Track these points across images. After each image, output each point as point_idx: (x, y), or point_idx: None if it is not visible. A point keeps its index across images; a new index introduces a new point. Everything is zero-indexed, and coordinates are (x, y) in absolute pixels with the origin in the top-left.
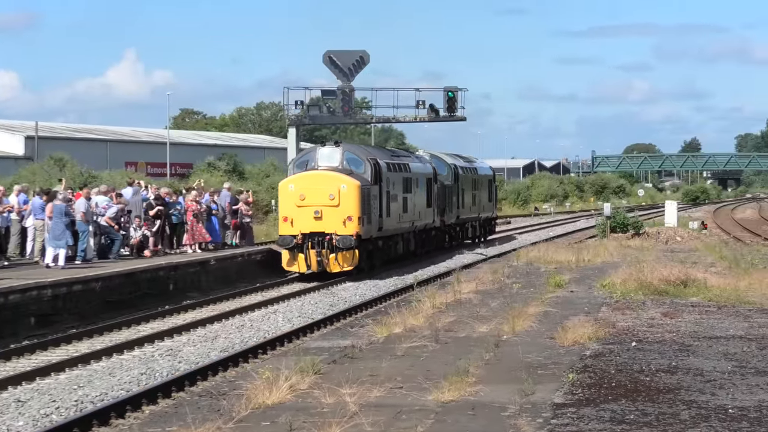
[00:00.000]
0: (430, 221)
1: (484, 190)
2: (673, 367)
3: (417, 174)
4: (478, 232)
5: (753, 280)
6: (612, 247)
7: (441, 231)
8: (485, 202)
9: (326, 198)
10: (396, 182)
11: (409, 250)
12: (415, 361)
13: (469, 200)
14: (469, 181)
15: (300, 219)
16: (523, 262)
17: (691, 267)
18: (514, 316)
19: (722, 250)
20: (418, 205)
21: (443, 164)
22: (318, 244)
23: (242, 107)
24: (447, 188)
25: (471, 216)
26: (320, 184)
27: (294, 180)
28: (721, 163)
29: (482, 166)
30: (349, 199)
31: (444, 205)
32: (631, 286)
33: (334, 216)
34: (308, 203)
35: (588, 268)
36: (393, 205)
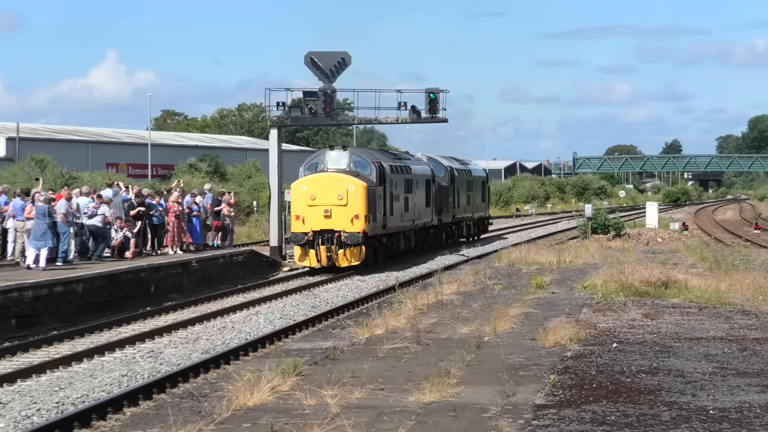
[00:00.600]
0: (429, 220)
1: (477, 191)
2: (654, 368)
3: (417, 176)
4: (472, 231)
5: (734, 282)
6: (593, 249)
7: (439, 229)
8: (479, 202)
9: (335, 198)
10: (398, 183)
11: (410, 247)
12: (397, 362)
13: (464, 200)
14: (464, 183)
15: (311, 217)
16: (504, 263)
17: (672, 268)
18: (495, 318)
19: (703, 251)
20: (418, 205)
21: (440, 166)
22: (328, 240)
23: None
24: (444, 189)
25: (466, 215)
26: (330, 185)
27: (305, 181)
28: (702, 164)
29: (476, 168)
30: (356, 199)
31: (441, 205)
32: (612, 287)
33: (343, 215)
34: (319, 203)
35: (569, 269)
36: (396, 204)
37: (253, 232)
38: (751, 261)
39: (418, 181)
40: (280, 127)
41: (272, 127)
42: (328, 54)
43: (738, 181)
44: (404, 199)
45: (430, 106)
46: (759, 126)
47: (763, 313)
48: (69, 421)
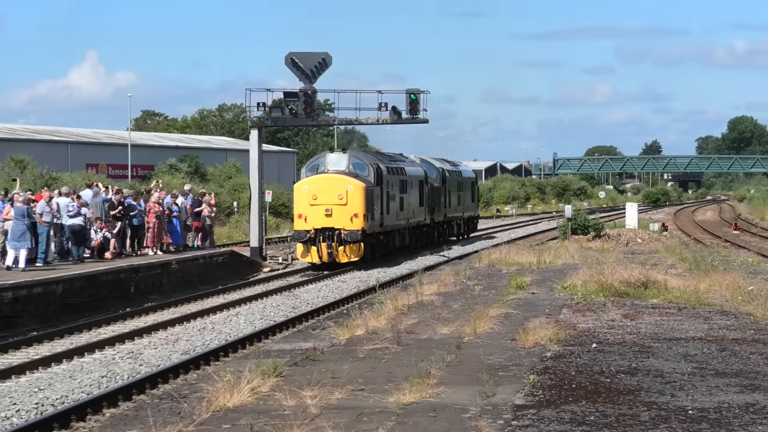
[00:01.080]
0: (422, 219)
1: (467, 191)
2: (633, 368)
3: (411, 177)
4: (462, 230)
5: (713, 282)
6: (573, 249)
7: (431, 228)
8: (468, 202)
9: (336, 198)
10: (394, 184)
11: (405, 245)
12: (377, 363)
13: (455, 200)
14: (454, 183)
15: (313, 216)
16: (485, 263)
17: (652, 269)
18: (475, 318)
19: (682, 251)
20: (412, 205)
21: (432, 168)
22: (328, 237)
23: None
24: (436, 189)
25: (456, 215)
26: (330, 186)
27: (307, 182)
28: (682, 165)
29: (466, 169)
30: (355, 199)
31: (434, 205)
32: (592, 287)
33: (343, 213)
34: (320, 202)
35: (549, 269)
36: (392, 204)
37: (234, 233)
38: (731, 262)
39: (412, 181)
40: (261, 128)
41: (253, 128)
42: (309, 55)
43: (717, 182)
44: (399, 199)
45: (411, 107)
46: (738, 127)
47: (742, 313)
48: (48, 422)
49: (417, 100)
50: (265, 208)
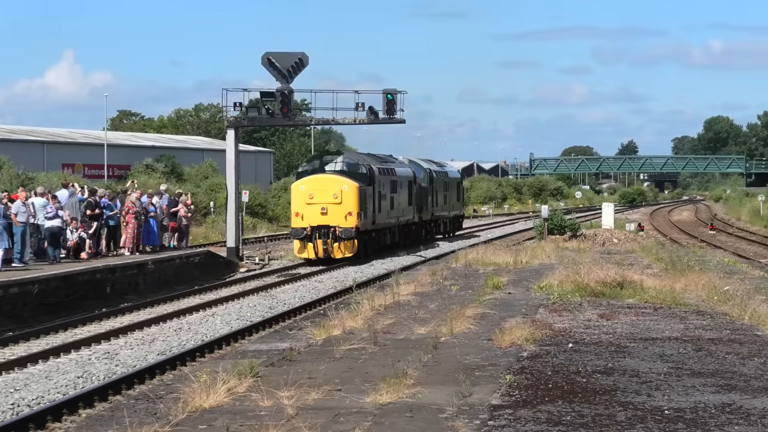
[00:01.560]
0: (411, 217)
1: (453, 191)
2: (609, 368)
3: (401, 177)
4: (448, 228)
5: (689, 282)
6: (549, 249)
7: (419, 226)
8: (454, 202)
9: (331, 197)
10: (385, 184)
11: (395, 242)
12: (354, 363)
13: (442, 200)
14: (441, 183)
15: (309, 214)
16: (461, 264)
17: (628, 269)
18: (452, 318)
19: (659, 251)
20: (402, 204)
21: (420, 168)
22: (324, 235)
23: (181, 109)
24: (424, 189)
25: (443, 213)
26: (326, 186)
27: (304, 182)
28: (658, 165)
29: (451, 169)
30: (349, 198)
31: (421, 204)
32: (568, 287)
33: (338, 212)
34: (316, 201)
35: (526, 270)
36: (383, 203)
37: (210, 233)
38: (707, 262)
39: (401, 182)
40: (237, 128)
41: (229, 128)
42: (286, 54)
43: (694, 182)
44: (390, 198)
45: (388, 107)
46: (714, 127)
47: (717, 313)
48: (24, 422)
49: (394, 100)
50: (242, 209)
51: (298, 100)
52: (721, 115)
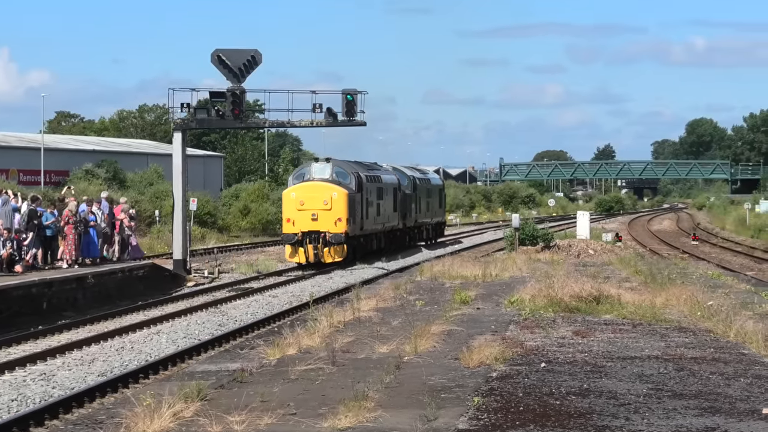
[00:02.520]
0: (396, 224)
1: (435, 198)
2: (584, 389)
3: (387, 184)
4: (431, 234)
5: (670, 296)
6: (521, 261)
7: (403, 232)
8: (436, 209)
9: (321, 203)
10: (372, 191)
11: (380, 247)
12: (310, 385)
13: (425, 207)
14: (424, 190)
15: (300, 220)
16: (426, 277)
17: (605, 282)
18: (416, 336)
19: (637, 264)
20: (387, 210)
21: (404, 176)
22: (315, 240)
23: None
24: (408, 196)
25: (426, 220)
26: (316, 193)
27: (295, 189)
28: (637, 171)
29: (434, 177)
30: (339, 205)
31: (405, 211)
32: (541, 302)
33: (328, 218)
34: (307, 207)
35: (495, 283)
36: (370, 209)
37: (156, 244)
38: (689, 274)
39: (387, 189)
40: (185, 130)
41: (176, 131)
42: (237, 51)
43: (675, 189)
44: (377, 205)
45: (348, 109)
46: (697, 130)
47: (701, 330)
48: None
49: (354, 101)
50: (190, 218)
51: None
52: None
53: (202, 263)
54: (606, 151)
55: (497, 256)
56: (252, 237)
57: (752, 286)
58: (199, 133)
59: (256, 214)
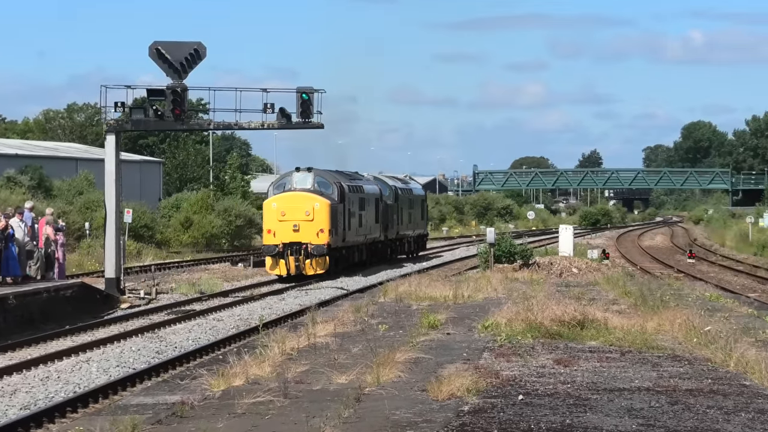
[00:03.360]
0: (378, 235)
1: (417, 209)
2: (567, 425)
3: (369, 194)
4: (412, 247)
5: (663, 321)
6: (496, 281)
7: (385, 244)
8: (418, 220)
9: (303, 214)
10: (354, 201)
11: (362, 260)
12: (259, 420)
13: (407, 218)
14: (406, 201)
15: (281, 231)
16: (390, 298)
17: (590, 304)
18: (379, 364)
19: (627, 284)
20: (369, 221)
21: (386, 186)
22: (296, 251)
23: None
24: (389, 207)
25: (408, 232)
26: (298, 203)
27: (276, 199)
28: (627, 180)
29: (416, 186)
30: (321, 215)
31: (387, 222)
32: (519, 327)
33: (310, 229)
34: (288, 218)
35: (468, 305)
36: (352, 220)
37: (85, 261)
38: (684, 296)
39: (369, 199)
40: (119, 133)
41: (109, 133)
42: (178, 44)
43: (669, 201)
44: (359, 216)
45: (303, 109)
46: (694, 134)
47: (697, 358)
48: None
49: (310, 101)
50: (125, 231)
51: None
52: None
53: (138, 282)
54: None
55: (470, 274)
56: (194, 253)
57: (755, 310)
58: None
59: (199, 228)
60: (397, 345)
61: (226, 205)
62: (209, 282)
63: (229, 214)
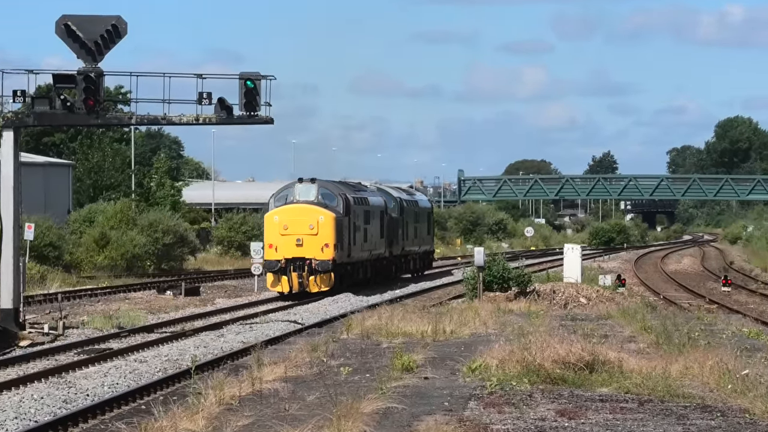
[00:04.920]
0: (383, 251)
1: (423, 223)
2: None
3: (374, 207)
4: (418, 265)
5: (691, 363)
6: (486, 313)
7: (389, 261)
8: (424, 235)
9: (307, 228)
10: (360, 214)
11: (367, 277)
12: None
13: (412, 233)
14: (411, 214)
15: (283, 246)
16: (355, 334)
17: (601, 342)
18: (340, 416)
19: (647, 317)
20: (374, 236)
21: (390, 197)
22: (299, 267)
23: None
24: (394, 220)
25: (413, 248)
26: (302, 216)
27: (278, 212)
28: (647, 189)
29: (422, 198)
30: (326, 229)
31: (392, 237)
32: (513, 370)
33: (314, 243)
34: (291, 232)
35: (450, 343)
36: (357, 235)
37: None
38: (717, 333)
39: (374, 212)
40: (19, 128)
41: (6, 128)
42: (93, 19)
43: (700, 215)
44: (364, 230)
45: (247, 100)
46: (731, 133)
47: (732, 409)
48: None
49: (256, 90)
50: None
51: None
52: (741, 116)
53: (42, 315)
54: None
55: (454, 305)
56: (112, 278)
57: None
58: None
59: (118, 247)
60: (363, 392)
61: (152, 219)
62: (130, 314)
63: (155, 229)
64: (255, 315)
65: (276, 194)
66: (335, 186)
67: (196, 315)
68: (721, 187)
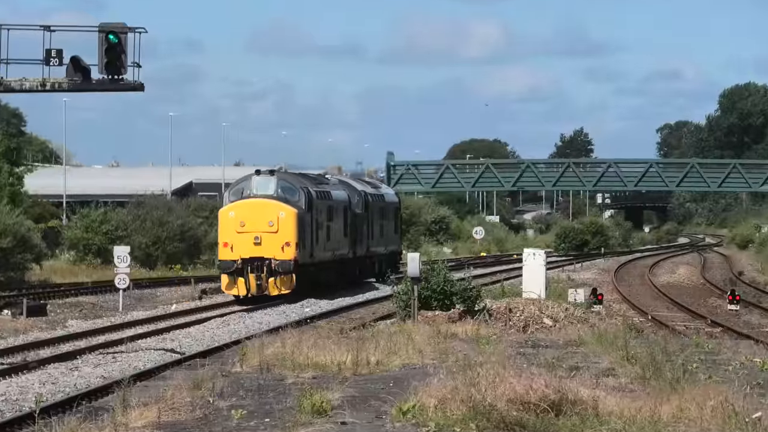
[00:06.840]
0: (346, 252)
1: (390, 221)
2: None
3: (337, 202)
4: (383, 268)
5: (686, 403)
6: (422, 338)
7: (353, 263)
8: (391, 234)
9: (266, 225)
10: (322, 210)
11: (330, 280)
12: None
13: (378, 231)
14: (377, 210)
15: (240, 244)
16: (252, 365)
17: (571, 376)
18: None
19: (630, 344)
20: (337, 234)
21: (354, 191)
22: (257, 268)
23: None
24: (358, 217)
25: (379, 249)
26: (260, 212)
27: (234, 207)
28: (632, 178)
29: (388, 192)
30: (287, 226)
31: (356, 236)
32: (457, 412)
33: (273, 242)
34: (248, 229)
35: (376, 377)
36: (320, 233)
37: None
38: (721, 363)
39: (337, 207)
40: None
41: None
42: None
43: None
44: (326, 228)
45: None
46: (739, 105)
47: None
48: None
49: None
50: None
51: None
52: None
53: None
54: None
55: (380, 327)
56: None
57: None
58: None
59: None
60: None
61: None
62: None
63: None
64: (120, 341)
65: (232, 188)
66: (296, 178)
67: (41, 341)
68: (727, 175)
